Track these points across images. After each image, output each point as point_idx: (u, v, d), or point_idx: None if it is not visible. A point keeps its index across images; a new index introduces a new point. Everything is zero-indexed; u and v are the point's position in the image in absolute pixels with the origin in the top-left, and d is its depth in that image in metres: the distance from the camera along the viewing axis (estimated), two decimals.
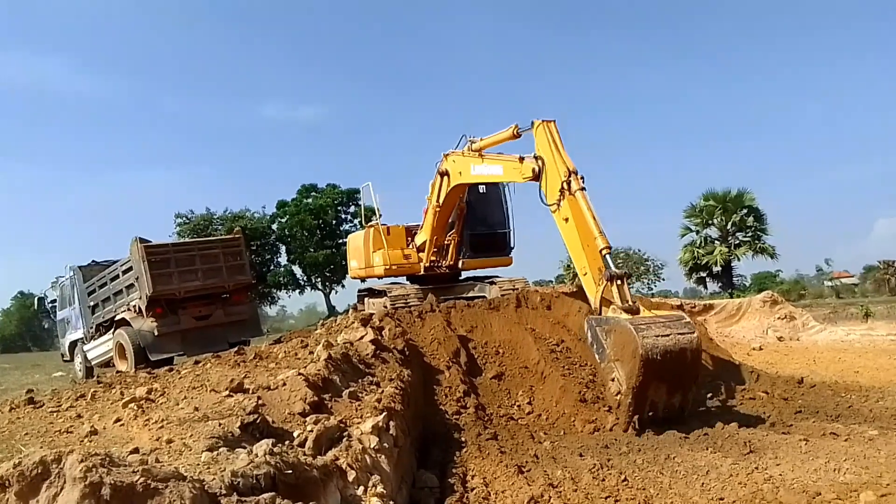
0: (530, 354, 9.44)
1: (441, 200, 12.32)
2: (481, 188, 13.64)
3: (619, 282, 7.85)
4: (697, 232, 34.79)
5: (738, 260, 33.55)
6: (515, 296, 11.40)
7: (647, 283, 37.12)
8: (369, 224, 14.68)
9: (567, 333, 10.06)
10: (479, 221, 13.90)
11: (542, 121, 9.04)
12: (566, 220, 8.50)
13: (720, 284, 34.73)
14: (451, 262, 13.79)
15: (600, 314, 7.88)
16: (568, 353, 9.55)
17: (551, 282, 40.68)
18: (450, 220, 13.24)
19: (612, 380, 7.35)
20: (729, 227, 33.53)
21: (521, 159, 9.50)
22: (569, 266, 39.92)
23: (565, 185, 8.46)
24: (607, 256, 8.04)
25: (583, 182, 8.42)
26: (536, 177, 9.06)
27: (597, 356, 7.74)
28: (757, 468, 5.37)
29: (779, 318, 13.65)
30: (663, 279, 38.07)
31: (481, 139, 10.85)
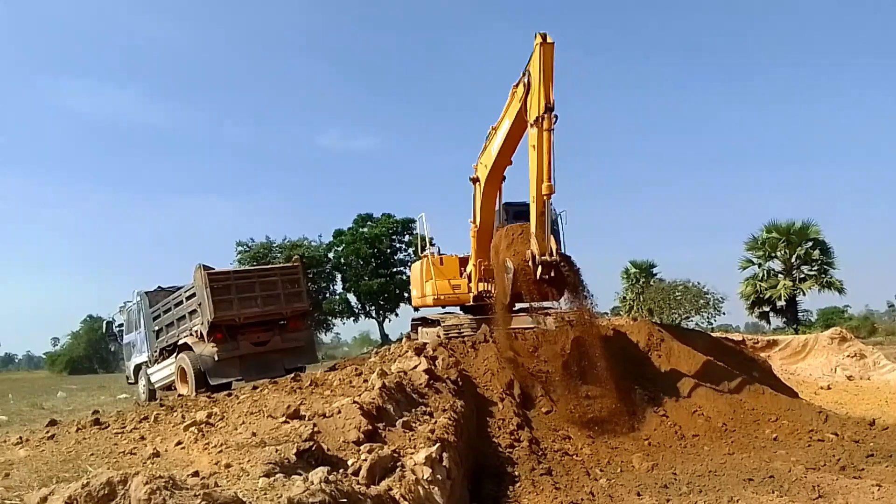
0: None
1: (478, 219, 12.34)
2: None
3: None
4: (760, 265, 33.71)
5: (804, 294, 32.29)
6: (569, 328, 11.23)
7: (707, 317, 35.95)
8: (423, 254, 14.77)
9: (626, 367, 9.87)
10: None
11: (542, 41, 9.17)
12: (534, 146, 9.22)
13: (784, 320, 33.42)
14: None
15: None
16: None
17: (606, 314, 39.97)
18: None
19: None
20: (793, 260, 32.40)
21: (515, 86, 9.98)
22: (624, 298, 39.22)
23: (540, 118, 9.02)
24: (548, 202, 9.19)
25: (555, 121, 9.05)
26: (527, 90, 9.48)
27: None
28: None
29: (848, 355, 13.10)
30: (723, 313, 36.80)
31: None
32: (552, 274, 9.89)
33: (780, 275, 32.90)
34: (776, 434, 8.84)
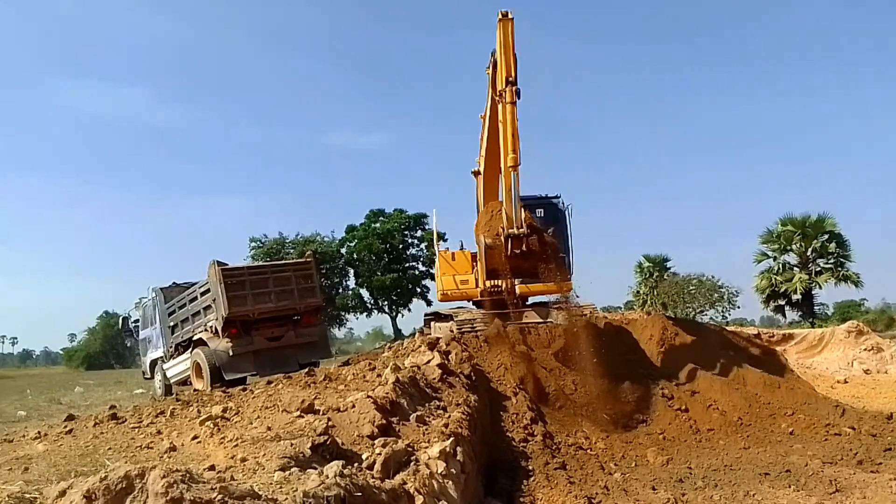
0: None
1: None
2: (538, 212, 13.58)
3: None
4: (775, 258, 33.41)
5: (820, 288, 32.00)
6: (584, 322, 11.21)
7: (722, 311, 35.68)
8: (440, 250, 14.86)
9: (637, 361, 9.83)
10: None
11: (503, 17, 9.75)
12: (501, 121, 9.65)
13: (800, 313, 33.12)
14: (509, 288, 13.68)
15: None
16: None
17: (620, 308, 39.77)
18: None
19: None
20: (809, 253, 32.07)
21: (487, 68, 10.61)
22: (638, 292, 39.05)
23: (503, 91, 9.47)
24: (513, 174, 9.54)
25: (516, 95, 9.47)
26: (494, 68, 10.03)
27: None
28: None
29: (865, 349, 12.97)
30: (738, 307, 36.51)
31: None
32: (523, 248, 10.27)
33: (795, 268, 32.61)
34: (792, 428, 8.78)
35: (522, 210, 10.10)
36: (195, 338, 14.33)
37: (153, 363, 17.52)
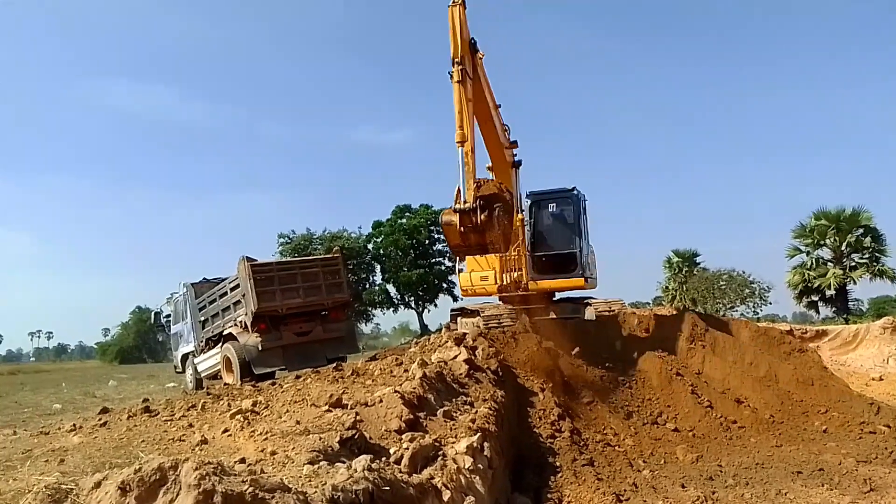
0: None
1: None
2: (550, 206, 13.60)
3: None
4: (808, 253, 32.72)
5: (854, 283, 31.22)
6: (611, 318, 11.14)
7: (753, 307, 35.04)
8: None
9: (667, 357, 9.73)
10: (542, 241, 13.81)
11: (453, 3, 10.79)
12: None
13: (834, 309, 32.39)
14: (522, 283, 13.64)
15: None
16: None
17: (648, 304, 39.36)
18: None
19: None
20: (843, 248, 31.36)
21: None
22: (667, 288, 38.57)
23: (451, 71, 10.36)
24: (460, 150, 10.18)
25: (462, 74, 10.38)
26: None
27: None
28: None
29: None
30: (770, 303, 35.82)
31: None
32: (475, 222, 11.21)
33: (829, 263, 31.88)
34: (826, 426, 8.62)
35: (476, 186, 10.92)
36: (225, 332, 14.52)
37: (184, 357, 17.82)
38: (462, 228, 11.36)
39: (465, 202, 10.54)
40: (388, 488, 3.10)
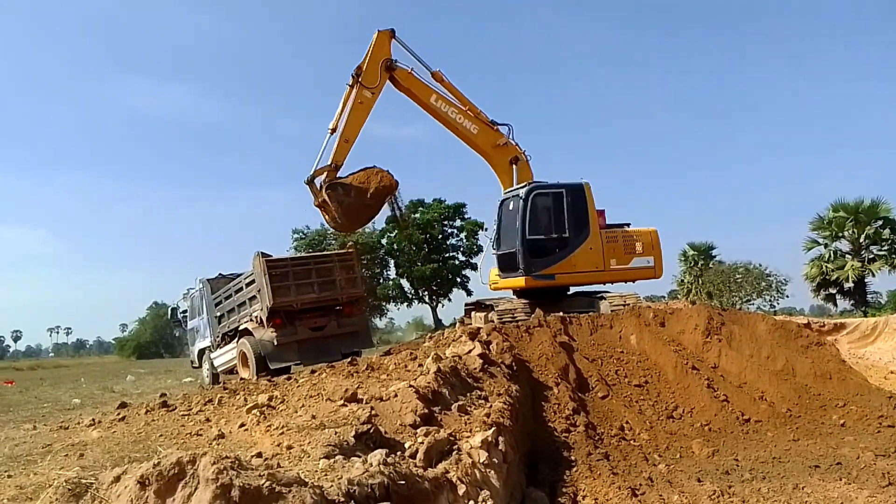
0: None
1: None
2: (508, 205, 13.93)
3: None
4: (826, 245, 32.35)
5: (873, 275, 30.83)
6: (626, 311, 11.09)
7: (770, 300, 34.70)
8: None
9: (682, 351, 9.68)
10: (499, 240, 14.21)
11: (378, 32, 14.04)
12: None
13: (852, 302, 32.01)
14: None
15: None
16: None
17: (664, 297, 39.06)
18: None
19: None
20: (862, 240, 30.97)
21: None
22: (682, 281, 38.29)
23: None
24: (329, 135, 13.83)
25: (365, 92, 13.75)
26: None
27: None
28: None
29: None
30: (787, 296, 35.43)
31: None
32: (322, 199, 13.58)
33: (847, 255, 31.50)
34: (844, 420, 8.54)
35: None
36: (241, 328, 14.61)
37: (201, 352, 17.94)
38: (319, 205, 14.05)
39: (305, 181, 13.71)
40: (403, 482, 3.11)
